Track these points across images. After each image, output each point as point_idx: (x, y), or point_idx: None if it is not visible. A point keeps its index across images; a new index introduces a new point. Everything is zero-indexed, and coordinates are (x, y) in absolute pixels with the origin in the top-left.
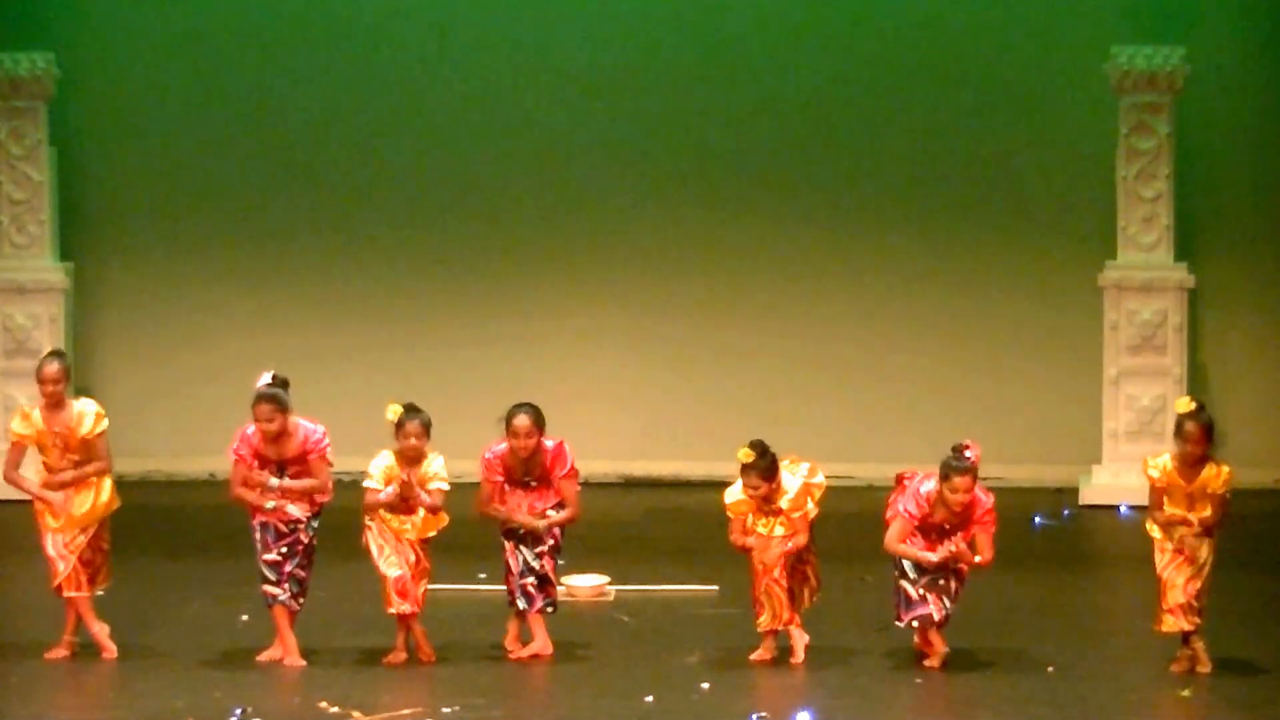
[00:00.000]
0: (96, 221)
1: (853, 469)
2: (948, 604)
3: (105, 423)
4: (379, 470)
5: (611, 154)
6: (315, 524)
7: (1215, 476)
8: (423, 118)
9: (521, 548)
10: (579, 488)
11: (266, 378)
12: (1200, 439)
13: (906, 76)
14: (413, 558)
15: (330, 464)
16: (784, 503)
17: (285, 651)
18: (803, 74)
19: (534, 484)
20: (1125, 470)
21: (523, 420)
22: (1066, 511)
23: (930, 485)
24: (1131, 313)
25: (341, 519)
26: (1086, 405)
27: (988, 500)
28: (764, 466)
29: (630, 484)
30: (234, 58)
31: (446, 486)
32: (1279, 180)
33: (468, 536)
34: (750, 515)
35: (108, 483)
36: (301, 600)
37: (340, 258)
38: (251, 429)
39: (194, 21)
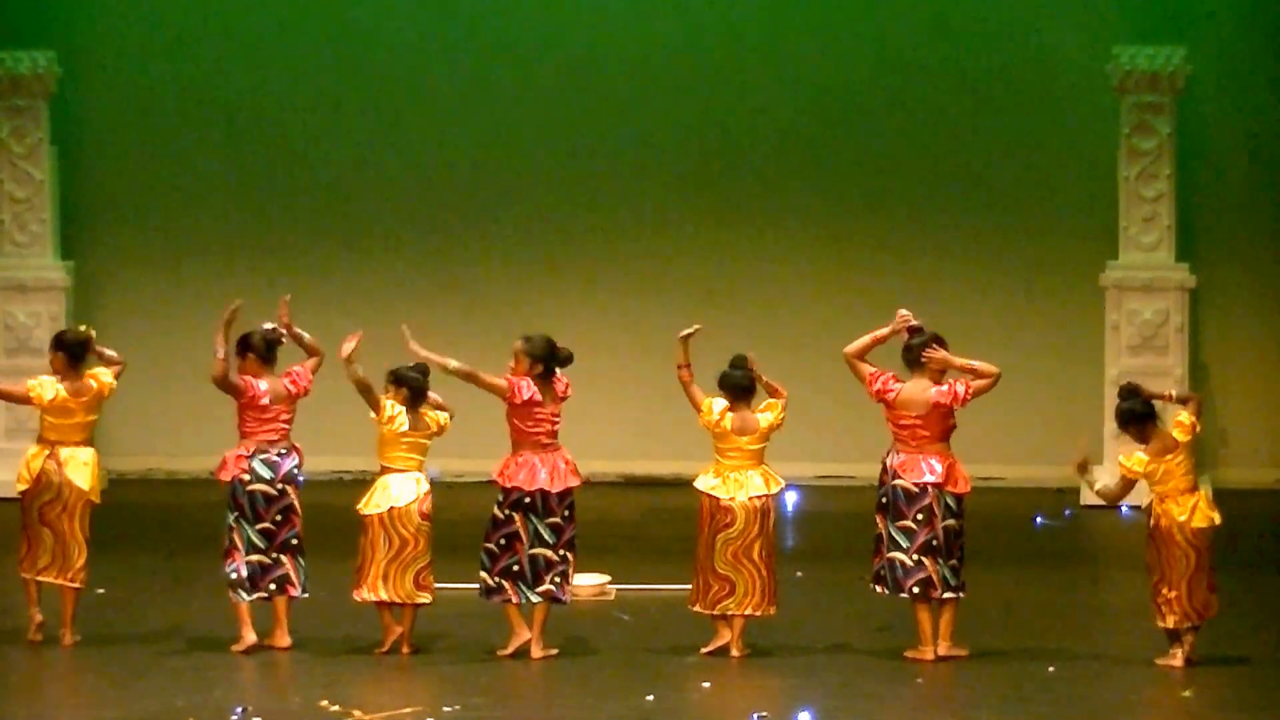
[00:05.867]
0: (97, 220)
1: (852, 469)
2: (947, 570)
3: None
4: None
5: (613, 158)
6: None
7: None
8: (424, 119)
9: (532, 517)
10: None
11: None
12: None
13: (908, 76)
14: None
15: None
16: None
17: (252, 640)
18: (803, 75)
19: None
20: None
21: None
22: (1068, 511)
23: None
24: (1133, 313)
25: (342, 518)
26: (1088, 405)
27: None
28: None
29: (631, 483)
30: (234, 57)
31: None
32: None
33: (469, 537)
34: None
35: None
36: (294, 584)
37: (339, 257)
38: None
39: (194, 21)
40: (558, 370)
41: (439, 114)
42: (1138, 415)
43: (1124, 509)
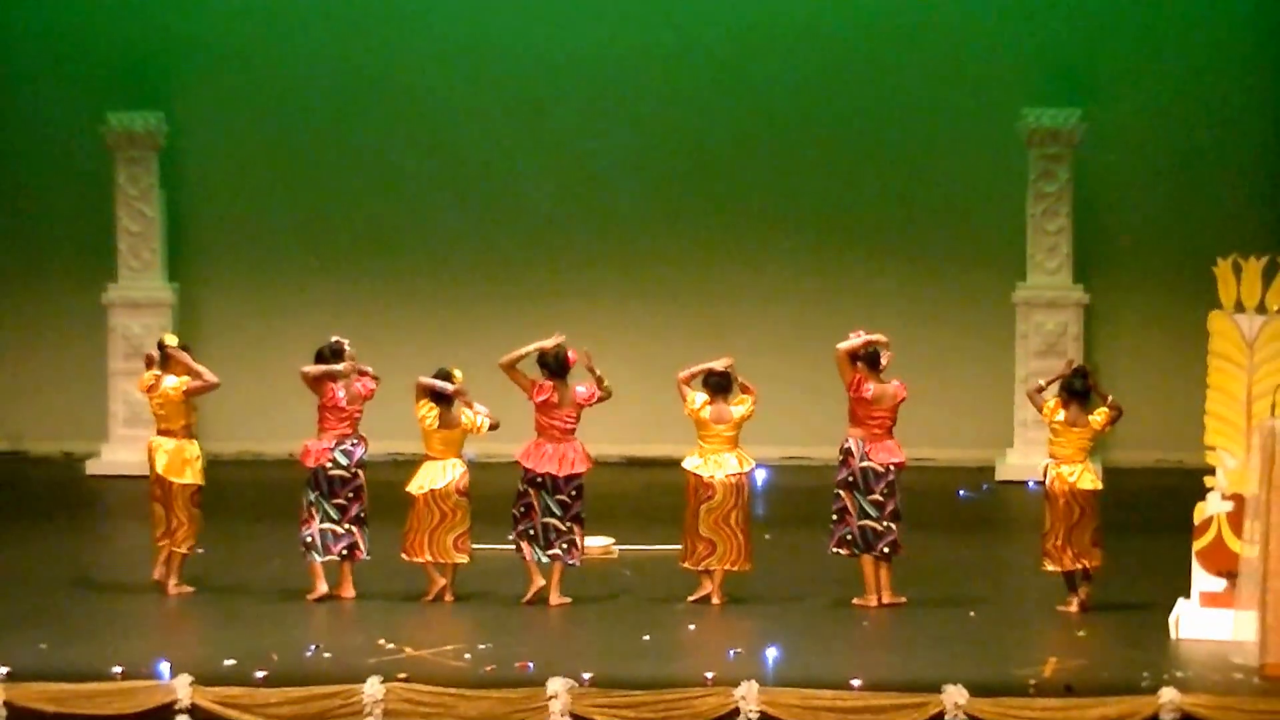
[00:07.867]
0: (199, 249)
1: (811, 451)
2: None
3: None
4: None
5: (618, 164)
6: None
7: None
8: (459, 158)
9: (543, 493)
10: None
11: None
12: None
13: (858, 131)
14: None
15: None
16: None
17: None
18: (779, 115)
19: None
20: (1033, 452)
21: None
22: (985, 486)
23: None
24: (1038, 325)
25: (395, 492)
26: (1002, 399)
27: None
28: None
29: (632, 463)
30: (316, 112)
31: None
32: (1160, 217)
33: (501, 510)
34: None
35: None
36: (361, 550)
37: (392, 273)
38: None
39: (283, 81)
40: (568, 380)
41: (472, 150)
42: (1073, 390)
43: (1031, 484)
